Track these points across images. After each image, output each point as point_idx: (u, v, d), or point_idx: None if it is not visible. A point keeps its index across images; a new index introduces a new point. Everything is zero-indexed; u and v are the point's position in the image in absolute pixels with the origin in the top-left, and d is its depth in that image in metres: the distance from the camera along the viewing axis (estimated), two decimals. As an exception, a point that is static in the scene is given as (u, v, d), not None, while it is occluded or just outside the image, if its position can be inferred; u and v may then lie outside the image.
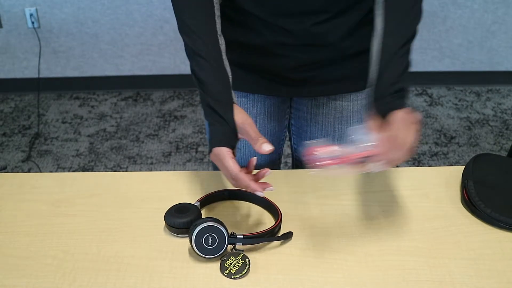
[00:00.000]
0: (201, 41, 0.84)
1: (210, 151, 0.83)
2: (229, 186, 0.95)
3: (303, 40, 0.94)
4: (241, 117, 0.83)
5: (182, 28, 0.86)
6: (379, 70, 0.84)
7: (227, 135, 0.83)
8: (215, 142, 0.82)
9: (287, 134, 1.20)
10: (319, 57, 0.97)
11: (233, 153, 0.82)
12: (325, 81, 1.03)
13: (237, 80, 1.03)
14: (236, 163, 0.80)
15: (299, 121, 1.14)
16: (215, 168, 1.15)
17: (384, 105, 0.81)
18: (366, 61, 1.03)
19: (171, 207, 0.86)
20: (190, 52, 0.86)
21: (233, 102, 0.84)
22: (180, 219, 0.83)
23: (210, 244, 0.78)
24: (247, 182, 0.78)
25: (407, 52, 0.85)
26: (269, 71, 1.01)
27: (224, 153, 0.80)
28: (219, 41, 0.86)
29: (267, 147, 0.78)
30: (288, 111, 1.15)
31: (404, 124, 0.77)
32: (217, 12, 0.87)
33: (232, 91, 0.86)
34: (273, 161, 1.18)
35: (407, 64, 0.85)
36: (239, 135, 0.83)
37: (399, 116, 0.78)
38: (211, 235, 0.78)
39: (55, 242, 0.84)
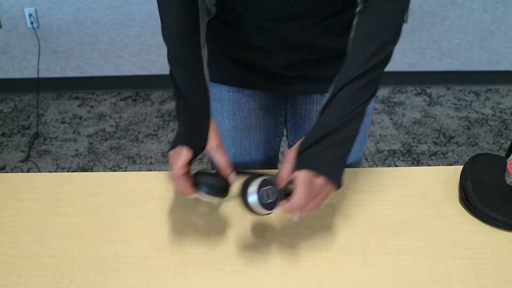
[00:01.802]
0: (184, 50, 0.83)
1: (173, 147, 0.81)
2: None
3: (295, 41, 0.94)
4: (214, 135, 0.83)
5: (166, 33, 0.85)
6: (324, 104, 0.79)
7: (194, 139, 0.82)
8: (180, 142, 0.80)
9: (285, 130, 1.21)
10: (310, 56, 0.97)
11: (190, 164, 0.81)
12: (319, 79, 1.02)
13: (231, 74, 1.04)
14: (184, 167, 0.79)
15: (295, 118, 1.14)
16: (213, 168, 1.16)
17: (298, 161, 0.76)
18: None
19: (196, 173, 0.82)
20: (172, 59, 0.85)
21: (211, 118, 0.84)
22: (219, 178, 0.80)
23: (265, 199, 0.74)
24: (183, 186, 0.79)
25: (352, 94, 0.77)
26: (262, 68, 1.01)
27: (182, 153, 0.79)
28: (202, 51, 0.85)
29: (233, 179, 0.81)
30: (284, 107, 1.15)
31: (308, 190, 0.73)
32: (203, 19, 0.86)
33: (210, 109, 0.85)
34: (270, 158, 1.19)
35: (362, 102, 0.77)
36: (207, 152, 0.83)
37: (302, 180, 0.73)
38: (265, 190, 0.74)
39: (54, 242, 0.84)
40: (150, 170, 2.40)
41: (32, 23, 2.85)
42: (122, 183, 0.98)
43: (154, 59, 3.02)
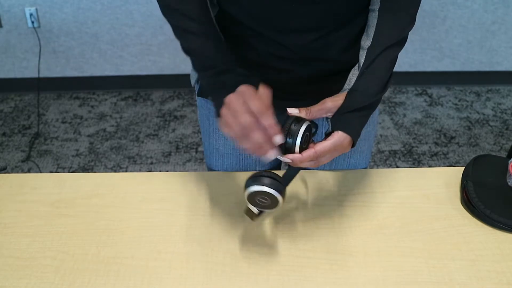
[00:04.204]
0: (190, 19, 0.81)
1: (225, 95, 0.74)
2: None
3: (301, 55, 0.91)
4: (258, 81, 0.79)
5: (165, 9, 0.83)
6: (360, 73, 0.82)
7: (252, 81, 0.76)
8: (240, 83, 0.74)
9: None
10: (319, 71, 0.95)
11: None
12: (326, 95, 1.00)
13: None
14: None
15: None
16: (210, 170, 1.15)
17: (339, 121, 0.79)
18: None
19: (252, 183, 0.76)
20: (178, 31, 0.82)
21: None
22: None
23: (303, 145, 0.76)
24: (272, 120, 0.71)
25: (393, 60, 0.83)
26: (268, 86, 0.99)
27: (252, 90, 0.73)
28: (214, 20, 0.84)
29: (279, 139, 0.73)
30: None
31: (333, 148, 0.77)
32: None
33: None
34: (273, 168, 1.17)
35: (389, 76, 0.83)
36: None
37: (337, 139, 0.77)
38: (307, 136, 0.77)
39: (55, 243, 0.84)
40: (151, 170, 2.40)
41: (32, 22, 2.85)
42: (123, 184, 0.98)
43: (155, 59, 3.01)
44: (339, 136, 0.77)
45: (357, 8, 0.87)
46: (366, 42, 0.84)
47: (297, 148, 0.75)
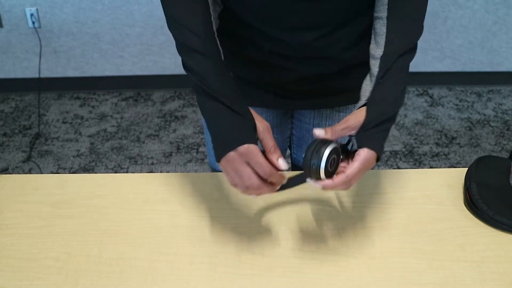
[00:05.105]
0: (197, 37, 0.78)
1: (226, 151, 0.73)
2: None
3: (304, 53, 0.91)
4: (258, 118, 0.77)
5: (172, 24, 0.80)
6: (375, 83, 0.80)
7: (250, 130, 0.75)
8: (240, 139, 0.73)
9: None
10: (322, 69, 0.95)
11: None
12: (329, 93, 1.00)
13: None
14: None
15: (300, 132, 1.12)
16: (213, 170, 1.15)
17: (364, 138, 0.77)
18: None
19: None
20: (183, 49, 0.80)
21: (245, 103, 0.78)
22: None
23: (329, 168, 0.73)
24: (280, 177, 0.73)
25: (407, 69, 0.82)
26: (271, 85, 0.98)
27: (255, 150, 0.72)
28: (217, 41, 0.81)
29: (283, 164, 0.74)
30: (290, 121, 1.14)
31: (363, 168, 0.75)
32: (213, 13, 0.82)
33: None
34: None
35: (404, 86, 0.82)
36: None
37: (364, 157, 0.75)
38: (333, 159, 0.73)
39: (57, 244, 0.84)
40: (152, 171, 2.40)
41: (33, 23, 2.84)
42: (124, 184, 0.97)
43: (155, 59, 3.01)
44: (365, 154, 0.75)
45: (360, 7, 0.87)
46: (377, 51, 0.83)
47: (322, 173, 0.72)
